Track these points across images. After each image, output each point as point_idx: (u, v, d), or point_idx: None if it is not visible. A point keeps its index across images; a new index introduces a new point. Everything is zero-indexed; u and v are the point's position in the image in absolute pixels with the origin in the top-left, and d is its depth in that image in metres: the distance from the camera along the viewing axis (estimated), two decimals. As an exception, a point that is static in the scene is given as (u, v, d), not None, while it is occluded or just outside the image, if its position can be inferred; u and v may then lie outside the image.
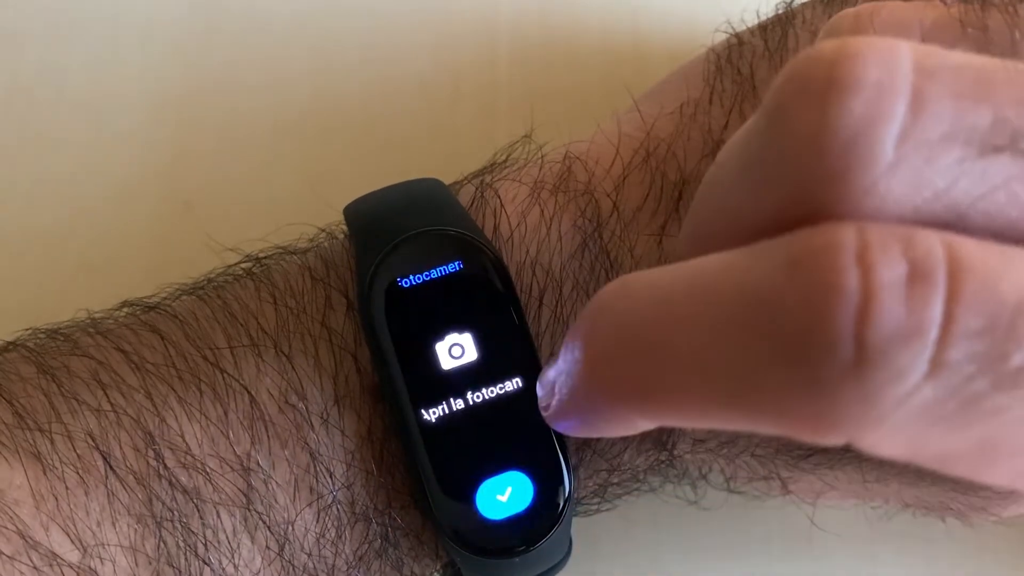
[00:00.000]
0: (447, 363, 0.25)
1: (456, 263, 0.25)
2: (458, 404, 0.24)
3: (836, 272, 0.15)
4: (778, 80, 0.17)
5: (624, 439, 0.26)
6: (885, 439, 0.15)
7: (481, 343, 0.25)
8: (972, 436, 0.15)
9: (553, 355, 0.20)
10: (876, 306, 0.15)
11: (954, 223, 0.16)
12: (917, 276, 0.15)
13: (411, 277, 0.25)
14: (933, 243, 0.15)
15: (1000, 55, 0.19)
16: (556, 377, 0.20)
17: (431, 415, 0.24)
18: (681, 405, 0.17)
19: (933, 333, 0.15)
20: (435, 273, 0.25)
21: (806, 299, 0.15)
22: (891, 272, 0.15)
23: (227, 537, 0.24)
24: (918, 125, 0.16)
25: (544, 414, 0.20)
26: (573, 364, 0.19)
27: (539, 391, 0.21)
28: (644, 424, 0.18)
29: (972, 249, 0.15)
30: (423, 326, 0.25)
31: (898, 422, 0.15)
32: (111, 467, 0.23)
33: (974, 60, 0.17)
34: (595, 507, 0.27)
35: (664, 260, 0.25)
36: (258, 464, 0.24)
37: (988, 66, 0.17)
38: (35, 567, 0.22)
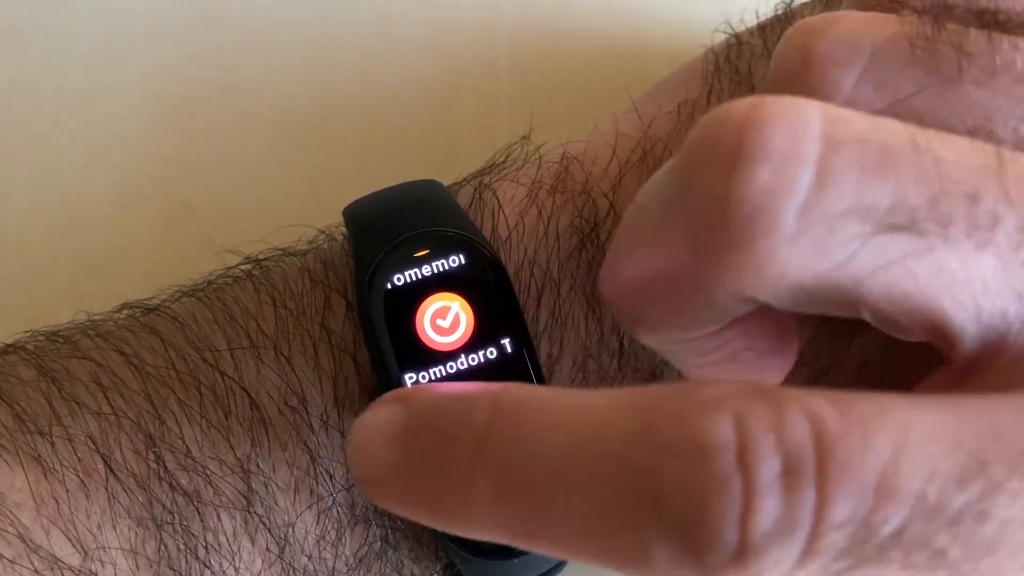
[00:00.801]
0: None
1: (454, 264, 0.25)
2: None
3: (720, 474, 0.16)
4: (689, 137, 0.18)
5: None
6: None
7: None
8: None
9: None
10: (757, 505, 0.15)
11: (853, 291, 0.17)
12: (790, 471, 0.15)
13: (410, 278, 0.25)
14: (801, 431, 0.16)
15: (946, 81, 0.20)
16: (385, 443, 0.19)
17: None
18: (558, 550, 0.17)
19: (806, 527, 0.15)
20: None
21: (694, 494, 0.16)
22: (767, 471, 0.15)
23: (227, 539, 0.24)
24: (821, 198, 0.17)
25: (361, 479, 0.20)
26: (440, 457, 0.18)
27: (356, 448, 0.20)
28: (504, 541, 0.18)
29: (837, 430, 0.16)
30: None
31: None
32: (112, 470, 0.23)
33: (881, 130, 0.17)
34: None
35: None
36: (258, 466, 0.24)
37: (893, 143, 0.17)
38: (36, 571, 0.22)
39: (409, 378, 0.24)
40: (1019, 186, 0.17)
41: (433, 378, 0.24)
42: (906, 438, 0.16)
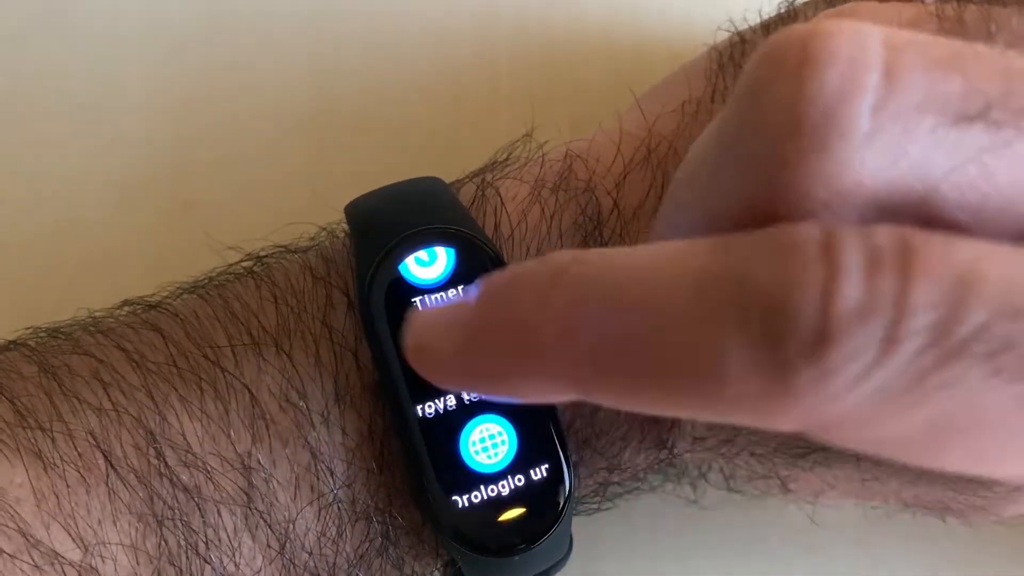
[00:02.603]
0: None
1: (456, 261, 0.25)
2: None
3: (804, 260, 0.15)
4: (750, 63, 0.17)
5: (624, 439, 0.26)
6: (835, 423, 0.16)
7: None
8: (923, 415, 0.16)
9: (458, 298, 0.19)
10: (838, 287, 0.15)
11: (927, 197, 0.17)
12: (874, 261, 0.15)
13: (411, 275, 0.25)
14: (888, 234, 0.16)
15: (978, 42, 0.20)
16: (449, 319, 0.19)
17: (430, 412, 0.24)
18: (627, 382, 0.17)
19: (889, 312, 0.15)
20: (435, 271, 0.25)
21: (775, 283, 0.15)
22: (851, 260, 0.15)
23: (228, 536, 0.24)
24: (892, 95, 0.16)
25: (423, 358, 0.19)
26: (506, 312, 0.18)
27: (416, 328, 0.19)
28: (567, 396, 0.18)
29: (923, 237, 0.16)
30: None
31: (851, 403, 0.15)
32: (112, 466, 0.23)
33: (941, 38, 0.17)
34: (595, 506, 0.27)
35: None
36: (259, 463, 0.24)
37: (955, 43, 0.17)
38: (36, 566, 0.22)
39: (409, 374, 0.24)
40: None
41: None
42: (988, 251, 0.16)
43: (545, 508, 0.25)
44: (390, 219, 0.26)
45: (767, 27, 0.27)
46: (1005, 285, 0.15)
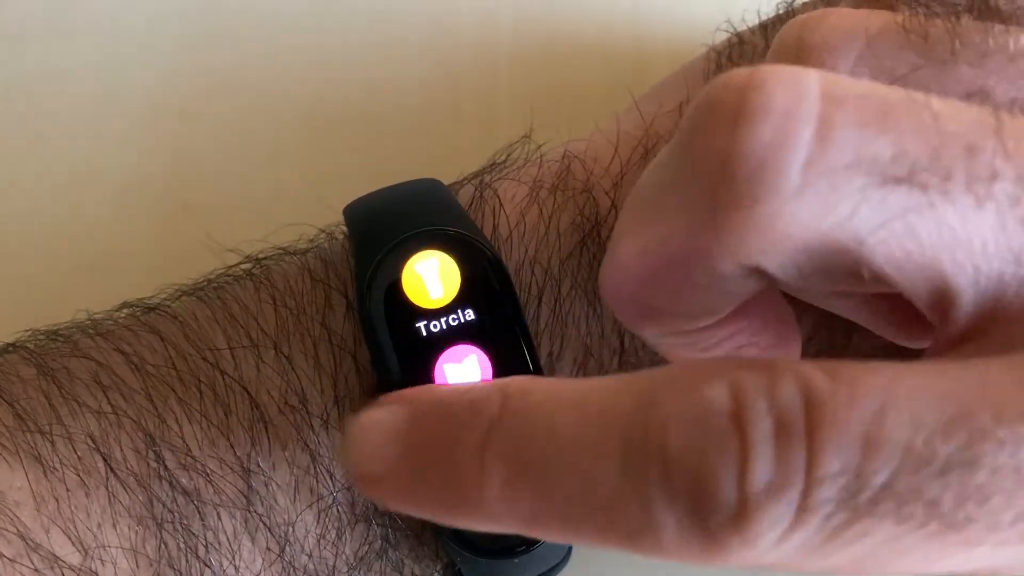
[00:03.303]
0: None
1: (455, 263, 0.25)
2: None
3: (717, 435, 0.16)
4: (691, 106, 0.18)
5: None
6: (771, 566, 0.17)
7: (480, 342, 0.25)
8: (844, 558, 0.16)
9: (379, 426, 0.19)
10: (752, 463, 0.16)
11: (855, 250, 0.17)
12: (781, 430, 0.16)
13: None
14: (791, 392, 0.16)
15: (940, 62, 0.20)
16: (389, 438, 0.19)
17: None
18: (567, 531, 0.18)
19: (799, 484, 0.16)
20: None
21: (694, 458, 0.16)
22: (761, 430, 0.16)
23: (228, 539, 0.24)
24: (823, 153, 0.17)
25: (358, 476, 0.19)
26: (446, 450, 0.18)
27: (356, 445, 0.19)
28: (511, 531, 0.18)
29: (825, 390, 0.16)
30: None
31: (776, 557, 0.16)
32: (112, 469, 0.23)
33: (879, 90, 0.17)
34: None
35: None
36: (258, 466, 0.24)
37: (891, 98, 0.17)
38: (36, 569, 0.22)
39: (409, 376, 0.24)
40: (1017, 140, 0.17)
41: (434, 375, 0.24)
42: (893, 394, 0.16)
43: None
44: (389, 221, 0.26)
45: (765, 28, 0.27)
46: (907, 439, 0.16)
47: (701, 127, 0.17)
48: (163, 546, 0.23)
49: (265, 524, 0.24)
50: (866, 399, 0.16)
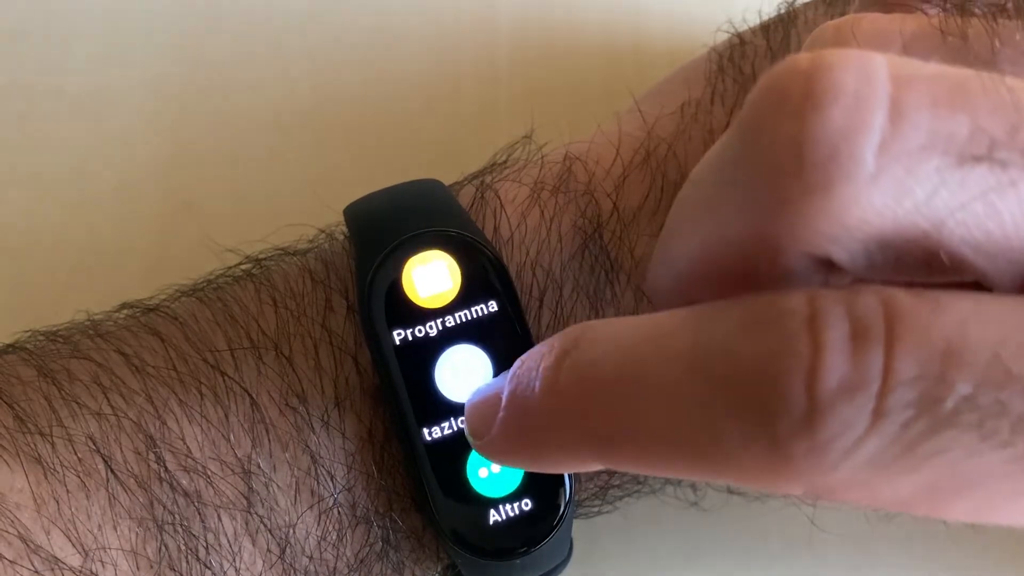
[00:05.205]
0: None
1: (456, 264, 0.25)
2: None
3: (788, 336, 0.16)
4: (753, 94, 0.17)
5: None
6: (839, 488, 0.16)
7: (481, 344, 0.25)
8: (920, 479, 0.16)
9: (485, 385, 0.21)
10: (823, 363, 0.15)
11: (933, 235, 0.16)
12: (858, 334, 0.15)
13: None
14: (872, 301, 0.16)
15: (980, 64, 0.20)
16: (489, 408, 0.20)
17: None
18: (640, 454, 0.18)
19: (874, 385, 0.15)
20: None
21: (762, 361, 0.16)
22: (835, 332, 0.15)
23: (228, 540, 0.24)
24: (897, 135, 0.16)
25: (476, 443, 0.21)
26: (525, 400, 0.19)
27: (469, 419, 0.21)
28: (595, 466, 0.19)
29: (907, 303, 0.16)
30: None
31: (849, 471, 0.16)
32: (112, 470, 0.23)
33: (949, 70, 0.17)
34: (596, 509, 0.27)
35: None
36: (259, 467, 0.24)
37: (963, 76, 0.17)
38: (36, 571, 0.22)
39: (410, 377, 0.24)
40: None
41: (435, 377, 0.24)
42: (977, 312, 0.16)
43: (546, 511, 0.25)
44: (389, 222, 0.26)
45: (766, 28, 0.27)
46: (992, 351, 0.15)
47: (766, 114, 0.17)
48: (163, 548, 0.23)
49: (266, 526, 0.24)
50: (950, 312, 0.15)
